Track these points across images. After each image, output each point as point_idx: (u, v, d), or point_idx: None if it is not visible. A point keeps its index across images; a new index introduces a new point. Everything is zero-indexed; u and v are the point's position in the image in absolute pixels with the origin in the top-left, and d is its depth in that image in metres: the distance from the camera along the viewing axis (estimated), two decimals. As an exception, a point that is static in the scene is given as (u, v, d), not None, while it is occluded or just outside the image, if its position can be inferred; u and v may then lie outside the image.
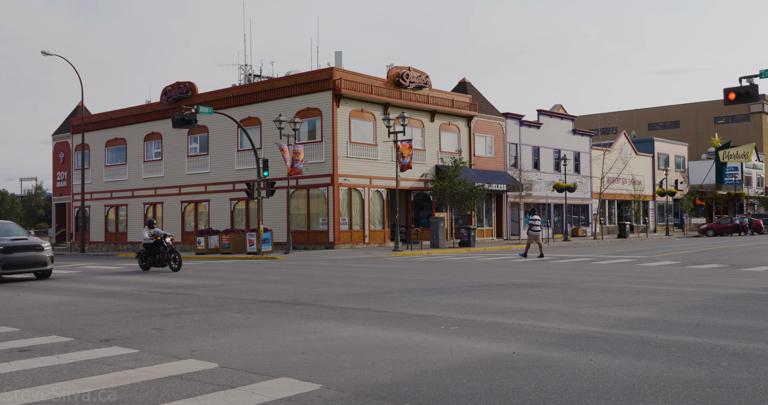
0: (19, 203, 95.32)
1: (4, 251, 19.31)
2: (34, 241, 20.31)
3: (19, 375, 7.23)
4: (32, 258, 19.97)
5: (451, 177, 38.78)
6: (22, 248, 19.84)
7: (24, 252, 19.82)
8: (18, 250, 19.71)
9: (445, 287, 15.60)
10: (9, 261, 19.36)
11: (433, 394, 6.22)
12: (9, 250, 19.48)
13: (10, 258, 19.41)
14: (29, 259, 19.89)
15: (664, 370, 7.01)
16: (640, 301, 12.67)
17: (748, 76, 19.56)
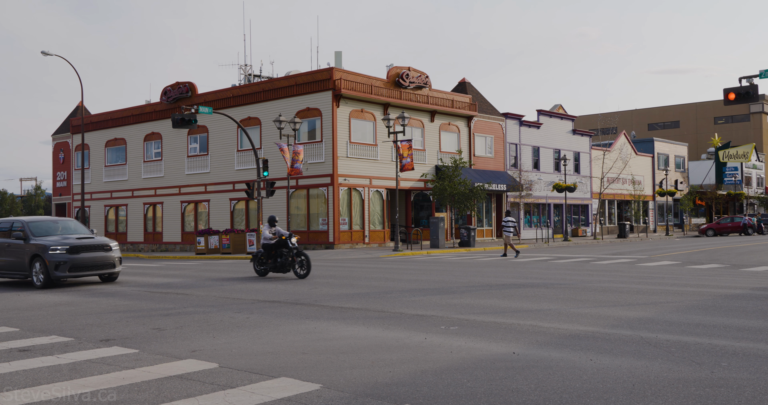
0: (19, 203, 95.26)
1: (71, 251, 17.20)
2: (102, 240, 18.21)
3: (19, 375, 7.23)
4: (100, 259, 17.82)
5: (451, 177, 38.78)
6: (90, 248, 17.69)
7: (91, 252, 17.68)
8: (85, 249, 17.55)
9: (445, 287, 15.60)
10: (76, 262, 17.22)
11: (433, 394, 6.22)
12: (75, 250, 17.33)
13: (77, 259, 17.28)
14: (97, 260, 17.74)
15: (664, 370, 7.01)
16: (640, 301, 12.67)
17: (748, 76, 19.56)
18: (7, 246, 18.36)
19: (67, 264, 17.14)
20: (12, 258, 18.16)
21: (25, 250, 17.70)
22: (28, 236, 17.81)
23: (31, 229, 18.06)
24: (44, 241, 17.47)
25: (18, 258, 17.95)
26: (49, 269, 17.04)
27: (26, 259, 17.64)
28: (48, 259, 17.00)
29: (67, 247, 17.22)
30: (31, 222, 18.43)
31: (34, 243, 17.52)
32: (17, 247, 17.98)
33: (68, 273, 17.20)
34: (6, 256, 18.40)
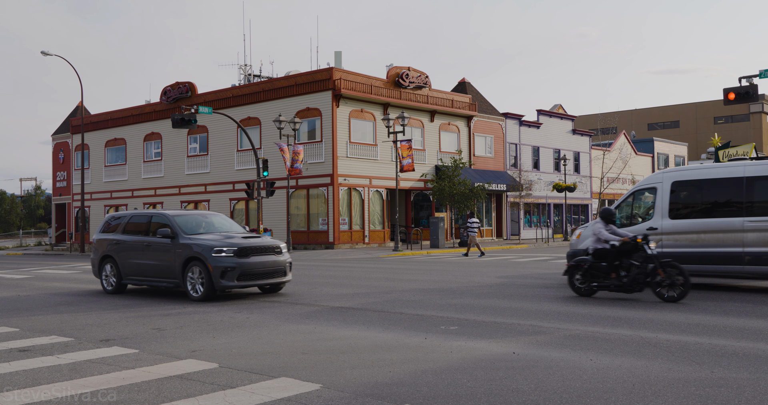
0: (18, 203, 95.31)
1: (239, 254, 13.54)
2: (270, 240, 14.57)
3: (19, 375, 7.23)
4: (272, 264, 14.01)
5: (450, 177, 38.77)
6: (259, 250, 13.95)
7: (261, 255, 13.95)
8: (255, 252, 13.85)
9: (445, 287, 15.60)
10: (246, 268, 13.52)
11: (433, 394, 6.22)
12: (244, 253, 13.63)
13: (247, 264, 13.53)
14: (268, 265, 13.95)
15: (664, 369, 7.01)
16: (640, 301, 12.66)
17: (747, 76, 19.57)
18: (146, 246, 14.84)
19: (236, 270, 13.40)
20: (155, 261, 14.53)
21: (175, 251, 14.03)
22: (177, 234, 14.20)
23: (180, 225, 14.52)
24: (201, 240, 13.88)
25: (164, 261, 14.30)
26: (213, 277, 13.35)
27: (177, 263, 13.93)
28: (212, 263, 13.34)
29: (235, 249, 13.51)
30: (176, 216, 14.93)
31: (187, 242, 13.91)
32: (162, 248, 14.34)
33: (236, 282, 13.47)
34: (146, 258, 14.78)
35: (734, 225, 13.92)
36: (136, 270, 15.06)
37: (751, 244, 13.57)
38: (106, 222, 16.51)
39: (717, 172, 14.72)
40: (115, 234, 15.81)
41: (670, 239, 14.68)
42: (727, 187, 14.41)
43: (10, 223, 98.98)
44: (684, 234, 14.57)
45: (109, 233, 16.05)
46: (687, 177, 15.10)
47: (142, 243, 14.98)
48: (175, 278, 14.15)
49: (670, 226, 14.73)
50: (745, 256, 13.63)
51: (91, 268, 16.48)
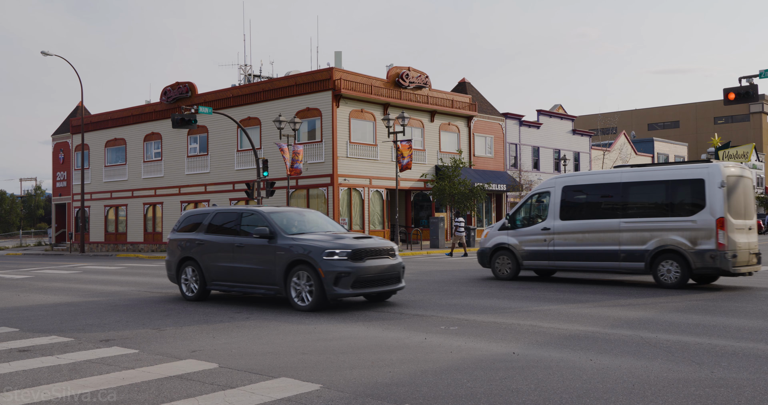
0: (18, 203, 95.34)
1: (354, 257, 11.82)
2: (384, 241, 12.71)
3: (19, 375, 7.23)
4: (387, 270, 12.31)
5: (450, 177, 38.76)
6: (375, 252, 12.25)
7: (378, 258, 12.25)
8: (370, 255, 12.13)
9: (445, 287, 15.59)
10: (362, 274, 11.79)
11: (433, 394, 6.22)
12: (359, 255, 11.91)
13: (363, 269, 11.80)
14: (384, 270, 12.22)
15: (664, 370, 7.01)
16: (640, 301, 12.67)
17: (747, 76, 19.56)
18: (237, 247, 13.08)
19: (351, 276, 11.66)
20: (249, 264, 12.79)
21: (276, 253, 12.28)
22: (276, 233, 12.50)
23: (278, 224, 12.81)
24: (308, 240, 12.15)
25: (261, 265, 12.56)
26: (324, 283, 11.61)
27: (279, 267, 12.19)
28: (324, 268, 11.59)
29: (349, 251, 11.76)
30: (272, 213, 13.25)
31: (290, 243, 12.19)
32: (259, 249, 12.63)
33: (351, 289, 11.70)
34: (238, 261, 13.02)
35: (612, 225, 15.71)
36: (224, 274, 13.21)
37: (626, 242, 15.45)
38: (183, 220, 14.77)
39: (599, 178, 16.62)
40: (196, 233, 14.01)
41: (560, 238, 16.48)
42: (607, 191, 16.23)
43: (10, 223, 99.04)
44: (572, 233, 16.34)
45: (188, 232, 14.27)
46: (575, 182, 17.00)
47: (233, 244, 13.10)
48: (275, 284, 12.25)
49: (560, 227, 16.55)
50: (620, 253, 15.48)
51: (167, 272, 14.68)
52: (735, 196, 14.95)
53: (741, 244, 14.70)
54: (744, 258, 14.76)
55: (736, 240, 14.61)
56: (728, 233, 14.43)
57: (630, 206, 15.74)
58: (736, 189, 15.02)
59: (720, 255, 14.33)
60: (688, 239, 14.70)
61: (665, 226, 15.05)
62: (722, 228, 14.38)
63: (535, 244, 16.88)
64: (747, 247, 14.95)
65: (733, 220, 14.65)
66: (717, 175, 14.71)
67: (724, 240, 14.33)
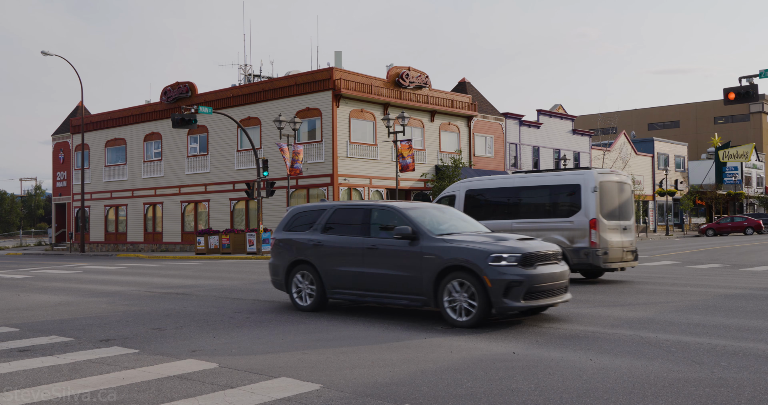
0: (18, 203, 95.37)
1: (524, 262, 9.90)
2: (549, 245, 10.81)
3: (19, 375, 7.23)
4: (559, 277, 10.34)
5: (451, 177, 38.77)
6: (545, 257, 10.32)
7: (547, 264, 10.32)
8: (540, 260, 10.21)
9: (445, 287, 15.58)
10: (534, 283, 9.84)
11: (433, 394, 6.22)
12: (529, 261, 9.98)
13: (535, 278, 9.87)
14: (555, 278, 10.25)
15: (664, 370, 7.01)
16: (640, 301, 12.67)
17: (747, 76, 19.56)
18: (368, 249, 11.04)
19: (523, 286, 9.74)
20: (385, 270, 10.79)
21: (423, 257, 10.27)
22: (420, 233, 10.47)
23: (421, 222, 10.78)
24: (464, 242, 10.25)
25: (401, 270, 10.57)
26: (491, 294, 9.70)
27: (427, 274, 10.17)
28: (490, 275, 9.70)
29: (519, 256, 9.90)
30: (410, 209, 11.21)
31: (441, 246, 10.24)
32: (399, 252, 10.64)
33: (522, 302, 9.74)
34: (369, 266, 11.02)
35: (506, 226, 17.23)
36: (351, 281, 11.22)
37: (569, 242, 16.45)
38: (291, 217, 12.75)
39: (496, 183, 18.58)
40: (310, 233, 12.01)
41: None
42: (502, 195, 18.16)
43: (10, 223, 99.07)
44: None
45: (299, 231, 12.26)
46: (477, 186, 18.76)
47: (362, 245, 11.12)
48: (422, 294, 10.28)
49: None
50: None
51: (271, 277, 12.75)
52: (609, 200, 16.55)
53: (613, 243, 16.30)
54: (616, 255, 16.34)
55: (609, 239, 16.21)
56: (600, 233, 16.05)
57: (521, 208, 17.62)
58: (610, 193, 16.62)
59: (592, 252, 15.96)
60: (567, 238, 16.28)
61: (549, 227, 16.69)
62: (594, 228, 16.05)
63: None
64: (620, 245, 16.51)
65: (605, 221, 16.27)
66: (591, 181, 16.31)
67: (596, 239, 15.99)
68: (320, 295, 11.72)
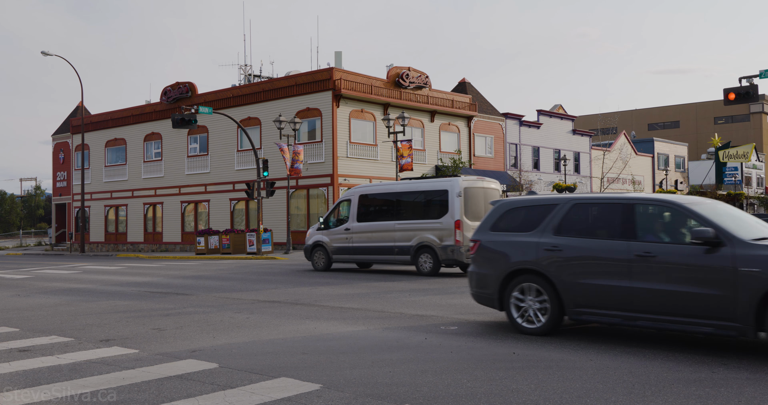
0: (18, 203, 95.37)
1: None
2: None
3: (19, 375, 7.23)
4: None
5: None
6: None
7: None
8: None
9: (445, 287, 15.60)
10: None
11: (433, 394, 6.22)
12: None
13: None
14: None
15: (664, 370, 7.01)
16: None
17: (748, 76, 19.58)
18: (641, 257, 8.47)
19: None
20: (674, 285, 8.15)
21: (737, 270, 7.70)
22: (727, 238, 7.96)
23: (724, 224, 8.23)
24: None
25: (701, 287, 7.95)
26: None
27: (744, 294, 7.57)
28: None
29: None
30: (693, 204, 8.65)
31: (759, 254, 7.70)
32: (695, 263, 8.10)
33: None
34: (648, 279, 8.39)
35: (389, 226, 19.83)
36: (610, 299, 8.65)
37: (398, 239, 19.59)
38: (502, 213, 10.23)
39: (383, 188, 21.29)
40: (535, 234, 9.56)
41: (356, 237, 20.61)
42: (388, 199, 20.72)
43: (10, 223, 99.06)
44: (364, 233, 20.42)
45: (517, 233, 9.83)
46: (367, 191, 21.03)
47: (627, 252, 8.57)
48: (733, 320, 7.66)
49: (357, 227, 20.60)
50: (395, 248, 19.59)
51: (474, 289, 10.13)
52: (474, 204, 18.82)
53: None
54: None
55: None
56: (464, 232, 18.28)
57: (402, 211, 20.03)
58: (475, 198, 18.88)
59: (457, 249, 18.39)
60: (437, 237, 18.78)
61: (423, 227, 19.17)
62: (459, 228, 18.38)
63: (341, 241, 20.96)
64: None
65: (469, 222, 18.46)
66: (456, 187, 18.68)
67: (460, 237, 18.31)
68: (556, 315, 9.11)
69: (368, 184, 23.09)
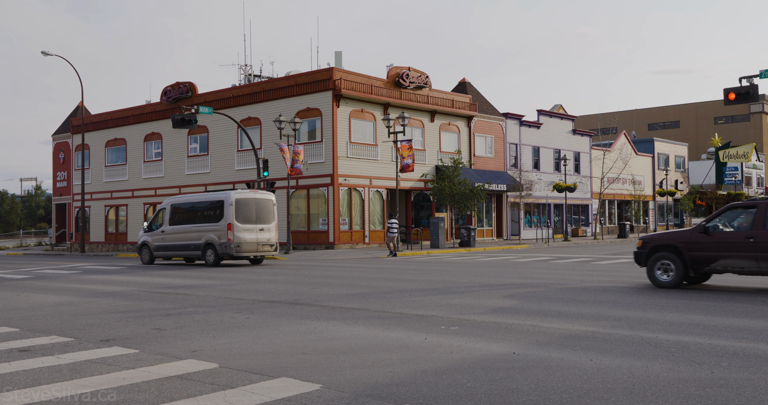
0: (19, 203, 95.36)
1: None
2: None
3: (19, 375, 7.23)
4: None
5: (451, 177, 38.78)
6: None
7: None
8: None
9: (445, 287, 15.60)
10: None
11: (433, 394, 6.22)
12: None
13: None
14: None
15: (664, 370, 7.01)
16: (640, 301, 12.67)
17: (748, 76, 19.56)
18: None
19: None
20: None
21: None
22: None
23: None
24: None
25: None
26: None
27: None
28: None
29: None
30: None
31: None
32: None
33: None
34: None
35: (189, 228, 26.43)
36: None
37: (194, 239, 25.96)
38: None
39: (186, 199, 27.84)
40: None
41: (168, 237, 27.16)
42: (188, 208, 27.12)
43: (10, 223, 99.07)
44: (173, 234, 26.98)
45: None
46: (176, 202, 27.59)
47: None
48: None
49: (168, 230, 27.19)
50: (191, 245, 26.13)
51: None
52: (245, 211, 25.19)
53: (247, 239, 25.03)
54: (250, 248, 25.18)
55: (243, 236, 24.95)
56: (235, 232, 24.72)
57: (196, 216, 26.48)
58: (247, 206, 25.25)
59: (228, 245, 24.87)
60: (217, 236, 25.10)
61: (208, 229, 25.56)
62: (230, 230, 24.73)
63: (158, 241, 27.44)
64: (254, 241, 25.27)
65: (240, 225, 24.86)
66: (230, 198, 24.98)
67: (231, 236, 24.76)
68: None
69: (178, 195, 30.28)
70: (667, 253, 14.41)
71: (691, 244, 14.01)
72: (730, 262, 13.63)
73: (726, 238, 13.75)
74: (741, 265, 13.53)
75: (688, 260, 14.12)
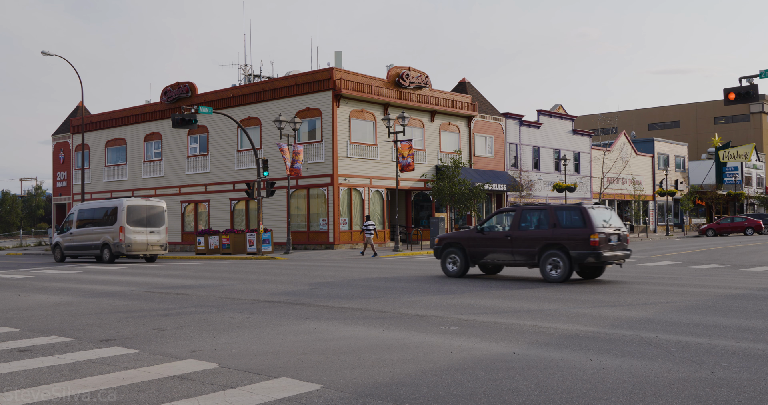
0: (19, 203, 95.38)
1: None
2: None
3: (19, 375, 7.23)
4: None
5: (450, 177, 38.78)
6: None
7: None
8: None
9: (445, 287, 15.60)
10: None
11: (433, 394, 6.22)
12: None
13: None
14: None
15: (664, 370, 7.01)
16: (640, 301, 12.67)
17: (748, 76, 19.56)
18: None
19: None
20: None
21: None
22: None
23: None
24: None
25: None
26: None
27: None
28: None
29: None
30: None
31: None
32: None
33: None
34: None
35: (94, 230, 30.02)
36: None
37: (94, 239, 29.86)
38: None
39: (89, 205, 32.20)
40: None
41: (75, 238, 30.71)
42: (91, 213, 31.12)
43: (10, 223, 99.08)
44: (78, 235, 30.63)
45: None
46: (82, 208, 31.93)
47: None
48: None
49: (75, 232, 30.87)
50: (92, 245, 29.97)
51: None
52: (137, 215, 29.29)
53: (137, 239, 29.00)
54: (140, 247, 29.14)
55: (133, 238, 28.92)
56: (126, 234, 28.69)
57: (97, 220, 30.29)
58: (138, 212, 29.42)
59: (120, 244, 28.70)
60: (111, 237, 28.95)
61: (104, 230, 29.40)
62: (122, 231, 28.68)
63: (67, 241, 31.09)
64: (144, 241, 29.27)
65: (131, 228, 28.90)
66: (122, 204, 29.11)
67: (123, 237, 28.68)
68: None
69: (85, 202, 36.12)
70: (455, 249, 17.56)
71: (470, 241, 17.14)
72: (495, 255, 16.96)
73: (493, 236, 16.92)
74: (502, 258, 16.88)
75: (468, 254, 17.32)
